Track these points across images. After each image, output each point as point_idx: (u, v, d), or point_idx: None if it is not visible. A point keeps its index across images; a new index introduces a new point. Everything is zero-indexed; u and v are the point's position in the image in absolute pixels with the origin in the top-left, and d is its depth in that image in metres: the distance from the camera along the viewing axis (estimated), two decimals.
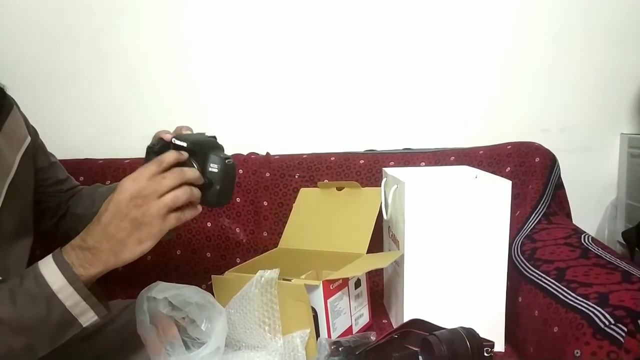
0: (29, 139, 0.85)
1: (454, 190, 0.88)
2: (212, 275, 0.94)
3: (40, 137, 0.94)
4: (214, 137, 0.75)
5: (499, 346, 0.89)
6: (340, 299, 0.90)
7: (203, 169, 0.71)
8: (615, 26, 1.26)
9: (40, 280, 0.63)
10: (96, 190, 0.96)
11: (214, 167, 0.71)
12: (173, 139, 0.71)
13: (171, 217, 0.66)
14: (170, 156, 0.68)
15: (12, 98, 0.85)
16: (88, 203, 0.93)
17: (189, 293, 0.79)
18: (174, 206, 0.66)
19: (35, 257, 0.85)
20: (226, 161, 0.72)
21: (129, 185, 0.65)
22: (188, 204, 0.68)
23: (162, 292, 0.78)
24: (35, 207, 0.88)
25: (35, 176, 0.88)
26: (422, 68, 1.30)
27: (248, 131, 1.34)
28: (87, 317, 0.66)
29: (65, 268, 0.64)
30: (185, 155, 0.70)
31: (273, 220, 1.20)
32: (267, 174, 1.21)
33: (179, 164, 0.69)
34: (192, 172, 0.69)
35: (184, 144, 0.70)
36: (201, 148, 0.71)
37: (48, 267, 0.64)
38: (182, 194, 0.66)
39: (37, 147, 0.90)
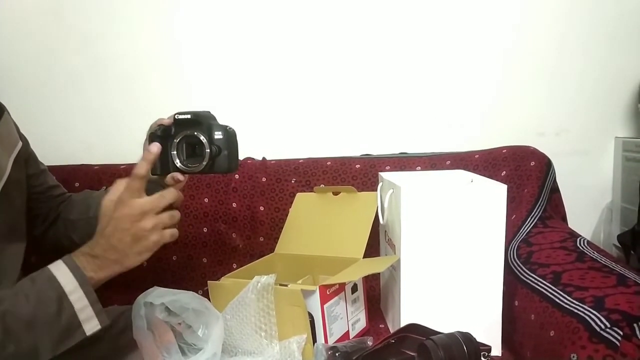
0: (20, 143, 0.86)
1: (450, 194, 0.88)
2: (209, 281, 0.94)
3: (36, 142, 0.94)
4: (208, 112, 0.80)
5: (496, 350, 0.89)
6: (336, 304, 0.89)
7: (209, 138, 0.76)
8: (611, 31, 1.27)
9: (53, 281, 0.66)
10: (90, 195, 0.96)
11: (218, 135, 0.77)
12: (175, 115, 0.76)
13: (166, 232, 0.72)
14: (169, 195, 0.73)
15: (2, 105, 0.86)
16: (82, 208, 0.92)
17: (186, 299, 0.79)
18: (169, 224, 0.72)
19: (31, 263, 0.85)
20: (227, 128, 0.77)
21: (128, 202, 0.70)
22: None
23: (160, 297, 0.78)
24: (26, 214, 0.88)
25: (27, 182, 0.88)
26: (418, 72, 1.30)
27: (244, 136, 1.31)
28: (91, 325, 0.68)
29: (76, 271, 0.68)
30: (180, 177, 0.77)
31: (269, 226, 1.19)
32: (264, 179, 1.21)
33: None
34: (178, 195, 0.74)
35: (188, 116, 0.76)
36: (204, 119, 0.77)
37: (60, 270, 0.68)
38: (177, 215, 0.73)
39: (28, 154, 0.91)
